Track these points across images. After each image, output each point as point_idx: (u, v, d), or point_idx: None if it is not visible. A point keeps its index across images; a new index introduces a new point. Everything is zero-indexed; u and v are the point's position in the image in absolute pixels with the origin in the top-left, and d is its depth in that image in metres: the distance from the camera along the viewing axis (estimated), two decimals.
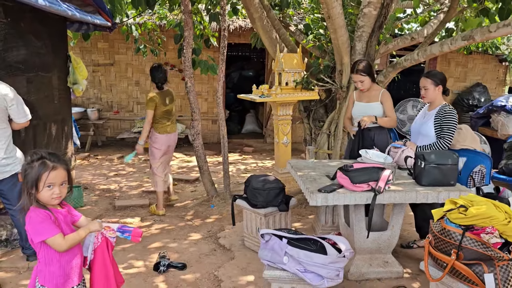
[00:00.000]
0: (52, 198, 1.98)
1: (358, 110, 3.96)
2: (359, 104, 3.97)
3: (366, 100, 3.93)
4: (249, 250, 3.71)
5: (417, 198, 2.84)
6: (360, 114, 3.92)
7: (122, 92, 8.87)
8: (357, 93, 4.01)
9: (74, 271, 2.08)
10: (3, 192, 3.27)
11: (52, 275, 2.01)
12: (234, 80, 11.07)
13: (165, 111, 4.77)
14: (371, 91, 3.90)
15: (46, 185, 1.95)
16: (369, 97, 3.91)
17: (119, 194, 5.51)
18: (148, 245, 3.91)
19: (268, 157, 7.86)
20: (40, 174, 1.93)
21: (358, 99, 3.99)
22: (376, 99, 3.88)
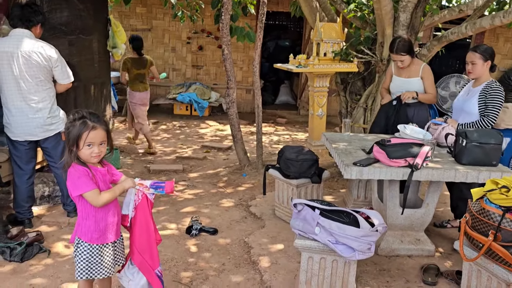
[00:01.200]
0: (91, 156, 2.05)
1: (397, 85, 3.83)
2: (398, 79, 3.84)
3: (406, 75, 3.80)
4: (280, 219, 3.75)
5: (456, 176, 2.76)
6: (399, 90, 3.80)
7: (159, 58, 8.93)
8: (396, 67, 3.87)
9: (110, 228, 2.16)
10: (47, 150, 3.42)
11: (88, 229, 2.10)
12: (270, 50, 10.92)
13: (137, 74, 5.89)
14: (411, 66, 3.76)
15: (86, 144, 2.02)
16: (409, 72, 3.78)
17: (154, 159, 5.64)
18: (181, 209, 4.01)
19: (301, 129, 7.81)
20: (81, 133, 2.00)
21: (397, 73, 3.86)
22: (417, 74, 3.75)
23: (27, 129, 3.27)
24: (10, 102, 3.23)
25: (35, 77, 3.20)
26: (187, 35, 8.79)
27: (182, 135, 7.04)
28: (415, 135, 3.19)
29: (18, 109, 3.23)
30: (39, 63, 3.18)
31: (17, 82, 3.18)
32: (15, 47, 3.13)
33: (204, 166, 5.40)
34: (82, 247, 2.11)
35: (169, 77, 9.02)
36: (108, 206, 2.14)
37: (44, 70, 3.23)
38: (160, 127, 7.55)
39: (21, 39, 3.17)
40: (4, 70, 3.16)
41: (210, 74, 9.03)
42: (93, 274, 2.13)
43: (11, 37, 3.19)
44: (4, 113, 3.28)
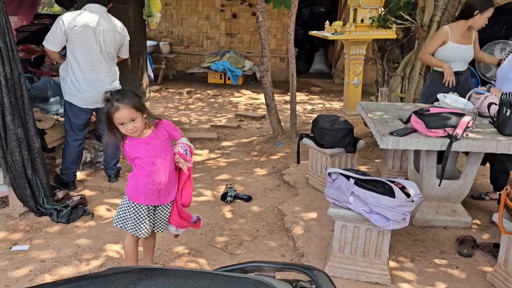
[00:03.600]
0: (129, 133, 2.18)
1: (457, 53, 3.65)
2: (458, 47, 3.63)
3: (465, 42, 3.65)
4: (313, 188, 3.77)
5: (498, 148, 2.67)
6: (458, 58, 3.67)
7: (193, 26, 8.92)
8: (453, 33, 3.62)
9: (149, 193, 2.27)
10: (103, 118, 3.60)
11: (130, 187, 2.31)
12: (305, 17, 10.64)
13: None
14: (469, 32, 3.65)
15: (119, 124, 2.14)
16: (469, 38, 3.67)
17: (189, 127, 5.73)
18: (215, 176, 4.09)
19: (336, 98, 7.70)
20: (110, 115, 2.14)
21: (455, 39, 3.62)
22: (471, 41, 3.69)
23: (99, 97, 3.42)
24: (88, 73, 3.39)
25: (112, 53, 3.47)
26: (221, 3, 8.70)
27: (216, 103, 7.09)
28: (455, 105, 3.09)
29: (95, 80, 3.42)
30: (117, 41, 3.47)
31: (98, 57, 3.38)
32: (98, 24, 3.33)
33: (238, 134, 5.45)
34: (124, 200, 2.34)
35: (203, 46, 9.02)
36: (152, 174, 2.24)
37: (118, 46, 3.51)
38: (195, 95, 7.63)
39: (102, 16, 3.37)
40: (86, 44, 3.33)
41: (244, 43, 8.96)
42: (126, 226, 2.33)
43: (92, 13, 3.35)
44: (74, 83, 3.41)
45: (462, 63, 3.71)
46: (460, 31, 3.60)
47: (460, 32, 3.61)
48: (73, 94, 3.42)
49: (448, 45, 3.63)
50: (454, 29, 3.63)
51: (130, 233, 2.33)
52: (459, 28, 3.61)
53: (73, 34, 3.27)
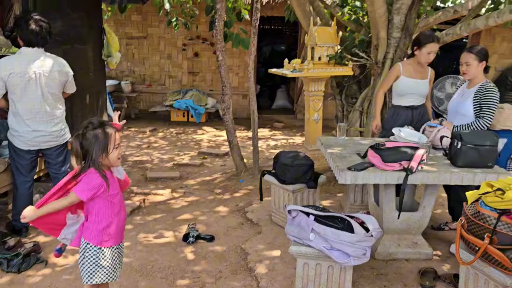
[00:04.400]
0: (118, 158, 2.10)
1: (409, 86, 3.77)
2: (409, 80, 3.76)
3: (418, 77, 3.77)
4: (276, 225, 3.73)
5: (452, 179, 2.75)
6: (410, 92, 3.78)
7: (155, 65, 8.94)
8: (405, 68, 3.79)
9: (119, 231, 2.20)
10: (52, 157, 3.47)
11: (98, 232, 2.12)
12: (266, 55, 10.93)
13: None
14: (422, 68, 3.78)
15: (115, 147, 2.06)
16: (422, 73, 3.78)
17: (151, 166, 5.62)
18: (177, 216, 3.99)
19: (298, 133, 7.80)
20: (110, 137, 2.03)
21: (406, 74, 3.77)
22: (427, 76, 3.80)
23: (42, 139, 3.33)
24: (29, 117, 3.23)
25: (56, 93, 3.33)
26: (182, 42, 8.80)
27: (179, 142, 7.03)
28: (410, 138, 3.18)
29: (38, 123, 3.27)
30: (61, 80, 3.33)
31: (39, 101, 3.23)
32: (37, 67, 3.18)
33: (201, 172, 5.39)
34: (90, 250, 2.10)
35: (165, 85, 9.03)
36: (121, 209, 2.17)
37: (62, 85, 3.37)
38: (157, 134, 7.54)
39: (40, 57, 3.22)
40: (26, 91, 3.17)
41: (206, 80, 9.03)
42: (101, 278, 2.12)
43: (29, 56, 3.18)
44: (16, 125, 3.26)
45: (416, 97, 3.79)
46: (412, 66, 3.77)
47: (413, 67, 3.77)
48: (17, 136, 3.28)
49: (400, 79, 3.78)
50: (407, 65, 3.80)
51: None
52: (411, 64, 3.78)
53: (11, 81, 3.11)
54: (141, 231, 3.65)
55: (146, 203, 4.31)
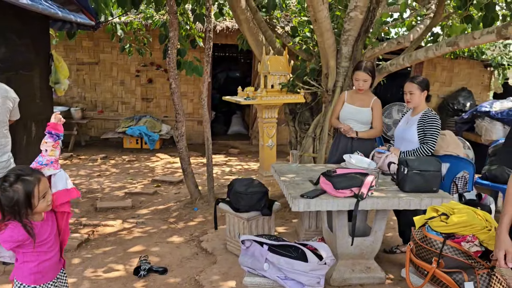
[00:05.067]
0: (48, 205, 1.96)
1: (349, 112, 3.91)
2: (350, 107, 3.91)
3: (358, 104, 3.88)
4: (231, 254, 3.67)
5: (400, 204, 2.84)
6: (349, 117, 3.89)
7: (107, 91, 8.75)
8: (349, 95, 3.95)
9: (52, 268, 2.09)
10: None
11: (29, 271, 2.02)
12: (221, 81, 11.01)
13: None
14: (364, 95, 3.88)
15: (41, 198, 1.90)
16: (362, 101, 3.88)
17: (101, 196, 5.42)
18: (128, 248, 3.84)
19: (254, 159, 7.83)
20: (32, 192, 1.86)
21: (349, 101, 3.93)
22: (368, 104, 3.87)
23: None
24: None
25: (5, 120, 3.15)
26: (136, 68, 8.70)
27: (132, 169, 6.85)
28: (360, 165, 3.27)
29: None
30: (9, 106, 3.16)
31: None
32: None
33: (154, 201, 5.25)
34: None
35: (118, 111, 8.83)
36: (54, 246, 2.05)
37: (8, 112, 3.18)
38: (109, 162, 7.31)
39: None
40: None
41: (161, 107, 8.94)
42: None
43: None
44: None
45: (356, 123, 3.88)
46: (355, 94, 3.92)
47: (355, 95, 3.92)
48: None
49: (344, 105, 3.95)
50: (351, 92, 3.98)
51: None
52: (355, 92, 3.94)
53: None
54: (88, 266, 3.47)
55: (95, 235, 4.13)
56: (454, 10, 4.68)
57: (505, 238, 1.92)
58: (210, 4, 4.52)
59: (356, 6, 4.38)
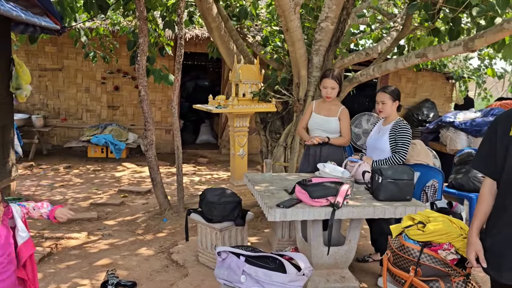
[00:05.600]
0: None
1: (316, 122, 3.92)
2: (317, 117, 3.92)
3: (325, 114, 3.90)
4: (204, 266, 3.57)
5: (375, 213, 2.84)
6: (316, 127, 3.90)
7: (71, 98, 8.46)
8: (317, 105, 3.97)
9: None
10: None
11: None
12: (189, 90, 10.90)
13: None
14: (331, 105, 3.88)
15: None
16: (329, 110, 3.89)
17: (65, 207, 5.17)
18: (95, 262, 3.66)
19: (223, 168, 7.74)
20: None
21: (317, 110, 3.95)
22: (335, 114, 3.87)
23: None
24: None
25: None
26: (101, 75, 8.45)
27: (97, 179, 6.61)
28: (334, 174, 3.27)
29: None
30: None
31: None
32: None
33: (121, 212, 5.07)
34: None
35: (82, 119, 8.55)
36: (3, 269, 1.94)
37: None
38: (73, 171, 7.03)
39: None
40: None
41: (128, 115, 8.71)
42: None
43: None
44: None
45: (324, 133, 3.87)
46: (323, 103, 3.94)
47: (323, 104, 3.93)
48: None
49: (312, 115, 3.95)
50: (319, 102, 3.99)
51: None
52: (322, 101, 3.95)
53: None
54: (51, 282, 3.28)
55: (58, 248, 3.92)
56: (420, 23, 4.81)
57: (475, 240, 1.99)
58: (182, 11, 4.45)
59: (327, 17, 4.42)
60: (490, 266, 1.93)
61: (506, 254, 1.88)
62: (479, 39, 3.39)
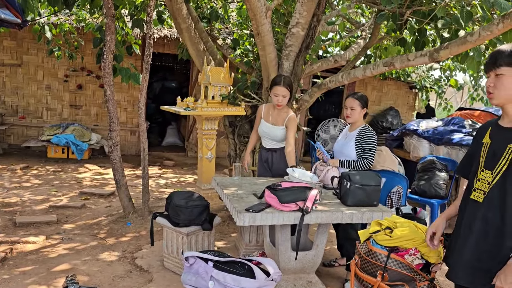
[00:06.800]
0: None
1: (263, 130, 3.91)
2: (265, 125, 3.90)
3: (272, 121, 3.87)
4: (169, 271, 3.48)
5: (343, 218, 2.86)
6: (264, 135, 3.93)
7: (30, 96, 8.12)
8: (265, 111, 3.93)
9: None
10: None
11: None
12: (156, 91, 10.71)
13: None
14: (280, 112, 3.84)
15: None
16: (277, 118, 3.85)
17: (21, 209, 4.94)
18: (53, 267, 3.50)
19: (190, 171, 7.64)
20: None
21: (265, 117, 3.91)
22: (282, 123, 3.83)
23: None
24: None
25: None
26: (64, 73, 8.17)
27: (57, 180, 6.35)
28: (303, 178, 3.27)
29: None
30: None
31: None
32: None
33: (82, 215, 4.88)
34: None
35: (42, 118, 8.21)
36: None
37: None
38: (31, 172, 6.73)
39: None
40: None
41: (91, 115, 8.45)
42: None
43: None
44: None
45: (271, 141, 3.89)
46: (270, 110, 3.92)
47: (270, 111, 3.91)
48: None
49: (261, 121, 3.96)
50: (269, 107, 3.96)
51: None
52: (272, 107, 3.93)
53: None
54: None
55: (14, 253, 3.73)
56: (387, 33, 4.93)
57: (439, 220, 2.14)
58: (151, 10, 4.35)
59: (297, 23, 4.45)
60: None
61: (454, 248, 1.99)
62: (444, 51, 3.50)
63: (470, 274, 1.86)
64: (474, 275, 1.85)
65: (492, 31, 3.09)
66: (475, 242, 1.85)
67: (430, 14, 3.71)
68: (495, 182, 1.80)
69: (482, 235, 1.83)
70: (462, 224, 1.96)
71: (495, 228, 1.79)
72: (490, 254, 1.80)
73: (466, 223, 1.92)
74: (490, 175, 1.83)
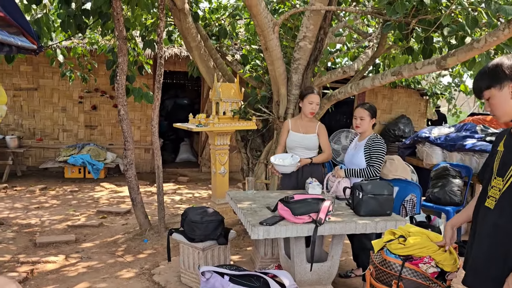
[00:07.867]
0: None
1: (294, 140, 3.96)
2: (296, 135, 3.97)
3: (303, 131, 3.95)
4: (186, 286, 3.52)
5: (357, 228, 2.87)
6: (296, 145, 3.94)
7: (47, 118, 8.32)
8: (293, 123, 4.02)
9: None
10: None
11: None
12: (168, 108, 10.87)
13: None
14: (309, 121, 3.95)
15: None
16: (307, 128, 3.95)
17: (41, 230, 5.04)
18: (73, 286, 3.57)
19: (204, 187, 7.70)
20: None
21: (294, 129, 4.00)
22: (313, 130, 3.93)
23: None
24: None
25: None
26: (79, 95, 8.37)
27: (74, 200, 6.47)
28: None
29: None
30: None
31: None
32: None
33: (100, 234, 4.96)
34: None
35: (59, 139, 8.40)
36: None
37: None
38: (49, 193, 6.87)
39: None
40: None
41: (106, 134, 8.61)
42: None
43: None
44: None
45: (304, 150, 3.93)
46: (299, 121, 3.99)
47: (300, 122, 3.99)
48: None
49: (289, 133, 4.00)
50: (295, 120, 4.04)
51: None
52: (298, 119, 4.01)
53: None
54: None
55: (35, 273, 3.81)
56: (395, 42, 4.96)
57: (457, 217, 2.23)
58: (161, 30, 4.47)
59: (305, 36, 4.52)
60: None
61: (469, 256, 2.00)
62: (451, 58, 3.52)
63: (483, 281, 1.87)
64: (487, 282, 1.85)
65: (498, 36, 3.11)
66: (487, 248, 1.86)
67: (436, 22, 3.74)
68: (505, 189, 1.81)
69: (493, 241, 1.84)
70: (475, 230, 1.97)
71: (505, 235, 1.80)
72: (501, 260, 1.80)
73: (479, 229, 1.93)
74: (501, 182, 1.84)
